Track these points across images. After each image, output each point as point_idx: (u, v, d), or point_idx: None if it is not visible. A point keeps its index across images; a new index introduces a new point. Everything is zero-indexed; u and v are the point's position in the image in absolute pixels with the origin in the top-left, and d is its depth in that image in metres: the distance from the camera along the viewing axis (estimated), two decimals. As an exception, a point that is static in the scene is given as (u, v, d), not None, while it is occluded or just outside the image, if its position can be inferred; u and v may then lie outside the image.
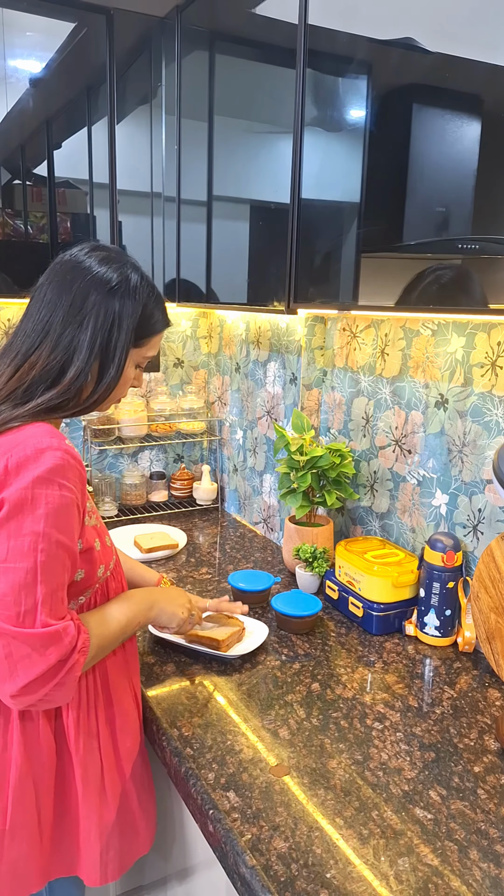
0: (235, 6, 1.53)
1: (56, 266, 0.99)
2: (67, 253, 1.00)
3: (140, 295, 0.99)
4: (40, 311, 0.96)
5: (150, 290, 1.01)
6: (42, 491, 0.86)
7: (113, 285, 0.96)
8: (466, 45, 0.97)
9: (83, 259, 0.98)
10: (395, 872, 0.82)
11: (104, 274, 0.96)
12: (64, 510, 0.88)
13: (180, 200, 1.82)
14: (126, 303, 0.97)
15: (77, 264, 0.97)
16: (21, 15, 1.62)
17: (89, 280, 0.96)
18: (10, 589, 0.85)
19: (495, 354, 1.27)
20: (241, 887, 0.83)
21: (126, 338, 0.98)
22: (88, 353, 0.95)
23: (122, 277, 0.97)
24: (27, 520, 0.86)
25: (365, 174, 1.18)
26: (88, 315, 0.95)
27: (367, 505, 1.65)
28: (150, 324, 1.01)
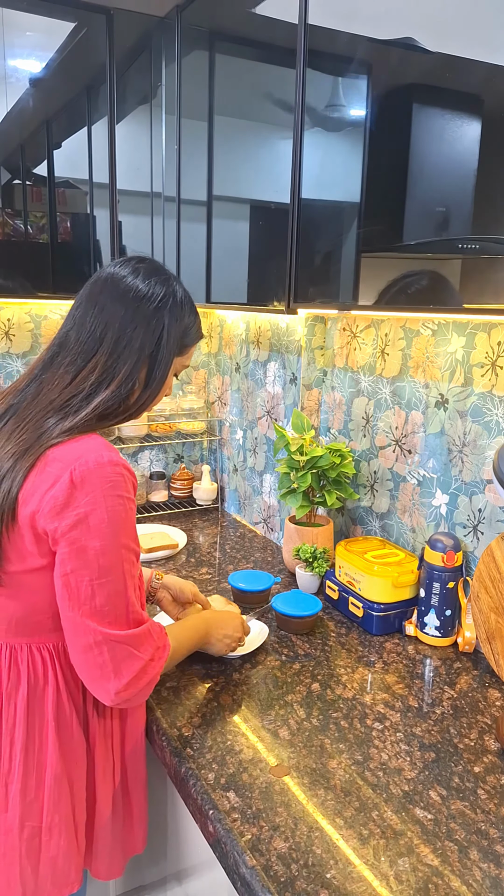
0: (235, 6, 1.53)
1: (102, 278, 1.04)
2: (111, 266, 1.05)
3: (184, 308, 1.06)
4: (93, 321, 1.01)
5: (191, 304, 1.09)
6: (112, 507, 0.92)
7: (162, 299, 1.03)
8: (466, 45, 0.97)
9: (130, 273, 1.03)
10: (395, 872, 0.82)
11: (152, 288, 1.03)
12: (130, 520, 0.95)
13: (180, 200, 1.82)
14: (173, 315, 1.04)
15: (124, 278, 1.03)
16: (21, 15, 1.62)
17: (139, 293, 1.02)
18: (108, 600, 0.92)
19: (495, 354, 1.27)
20: (241, 887, 0.83)
21: (172, 347, 1.04)
22: (137, 361, 1.01)
23: (170, 291, 1.04)
24: (107, 536, 0.91)
25: (365, 174, 1.18)
26: (140, 327, 1.01)
27: (367, 505, 1.65)
28: (190, 334, 1.08)
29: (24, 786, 0.96)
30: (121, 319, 1.00)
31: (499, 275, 0.96)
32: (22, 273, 1.74)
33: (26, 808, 0.97)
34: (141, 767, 1.11)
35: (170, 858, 1.23)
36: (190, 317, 1.07)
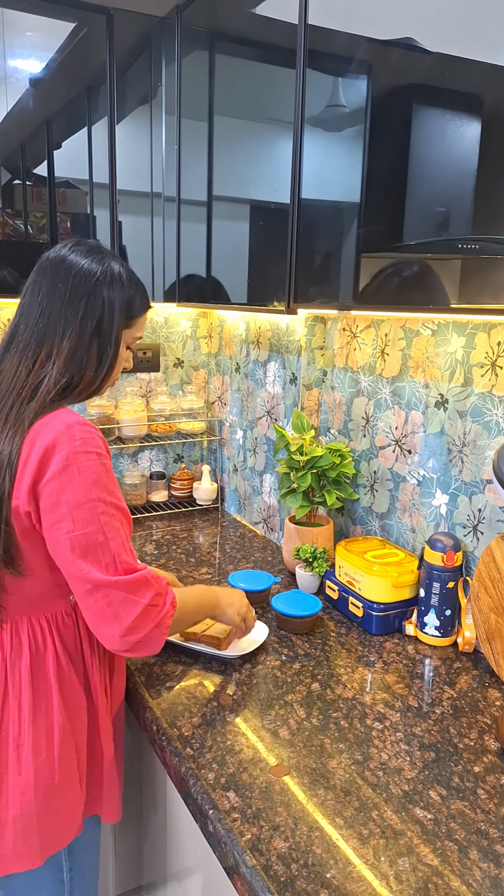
0: (235, 6, 1.53)
1: (44, 263, 1.08)
2: (51, 251, 1.10)
3: (123, 281, 1.09)
4: (39, 306, 1.05)
5: (131, 276, 1.11)
6: (84, 462, 0.96)
7: (99, 275, 1.06)
8: (466, 45, 0.97)
9: (67, 255, 1.07)
10: (395, 872, 0.82)
11: (89, 266, 1.06)
12: (105, 474, 0.98)
13: (180, 200, 1.82)
14: (113, 289, 1.07)
15: (62, 260, 1.07)
16: (21, 15, 1.62)
17: (79, 273, 1.05)
18: (89, 550, 0.95)
19: (495, 354, 1.27)
20: (241, 887, 0.83)
21: (118, 320, 1.08)
22: (82, 336, 1.04)
23: (106, 267, 1.07)
24: (79, 489, 0.95)
25: (365, 174, 1.18)
26: (82, 303, 1.04)
27: (367, 505, 1.65)
28: (134, 305, 1.11)
29: (35, 747, 1.01)
30: (62, 300, 1.04)
31: (499, 275, 0.96)
32: (22, 273, 1.74)
33: (39, 767, 1.01)
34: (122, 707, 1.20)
35: (170, 858, 1.23)
36: (131, 289, 1.10)
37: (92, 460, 0.97)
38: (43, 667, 1.03)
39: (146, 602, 0.97)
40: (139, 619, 0.97)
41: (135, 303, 1.11)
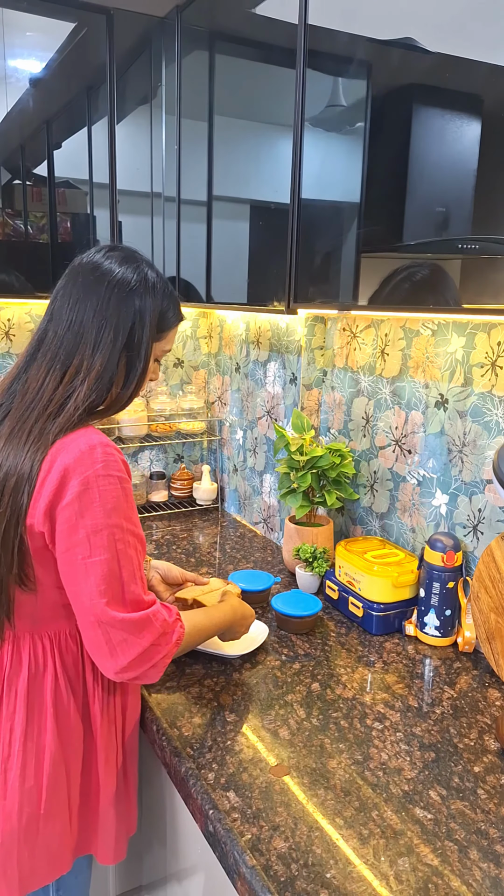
0: (235, 6, 1.53)
1: (76, 268, 1.03)
2: (84, 256, 1.05)
3: (157, 291, 1.04)
4: (69, 314, 1.00)
5: (165, 286, 1.07)
6: (104, 486, 0.92)
7: (133, 285, 1.01)
8: (466, 45, 0.97)
9: (102, 261, 1.02)
10: (395, 872, 0.82)
11: (124, 274, 1.01)
12: (125, 499, 0.95)
13: (180, 200, 1.82)
14: (146, 300, 1.02)
15: (96, 266, 1.02)
16: (21, 15, 1.62)
17: (111, 281, 1.01)
18: (101, 580, 0.92)
19: (495, 354, 1.27)
20: (241, 887, 0.83)
21: (149, 332, 1.03)
22: (113, 350, 1.00)
23: (141, 276, 1.03)
24: (99, 515, 0.92)
25: (365, 174, 1.18)
26: (114, 314, 1.00)
27: (367, 505, 1.65)
28: (167, 318, 1.07)
29: (23, 772, 0.97)
30: (94, 310, 1.00)
31: (499, 275, 0.96)
32: (22, 273, 1.74)
33: (25, 794, 0.97)
34: (136, 750, 1.15)
35: (170, 858, 1.23)
36: (165, 300, 1.05)
37: (112, 484, 0.93)
38: (40, 688, 1.00)
39: (146, 644, 0.94)
40: (136, 660, 0.94)
41: (168, 314, 1.07)
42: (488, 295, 0.99)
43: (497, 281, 0.97)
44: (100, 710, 1.04)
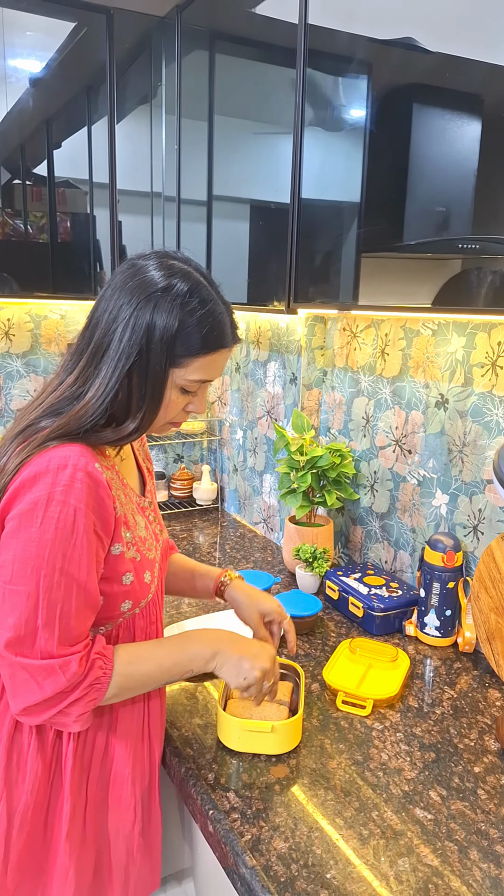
0: (235, 6, 1.53)
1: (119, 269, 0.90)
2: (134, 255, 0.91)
3: (180, 305, 0.85)
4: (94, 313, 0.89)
5: (199, 303, 0.86)
6: (54, 512, 0.80)
7: (152, 291, 0.84)
8: (466, 45, 0.97)
9: (140, 261, 0.88)
10: (395, 873, 0.82)
11: (149, 278, 0.85)
12: (75, 536, 0.81)
13: (180, 200, 1.82)
14: (159, 312, 0.84)
15: (131, 267, 0.88)
16: (21, 15, 1.62)
17: (132, 286, 0.85)
18: (13, 609, 0.81)
19: (495, 354, 1.27)
20: (241, 887, 0.83)
21: (160, 355, 0.85)
22: (112, 369, 0.85)
23: (165, 285, 0.84)
24: (33, 541, 0.80)
25: (365, 174, 1.18)
26: (120, 324, 0.84)
27: (367, 505, 1.65)
28: (189, 341, 0.86)
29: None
30: (107, 316, 0.86)
31: (499, 275, 0.96)
32: (22, 273, 1.74)
33: None
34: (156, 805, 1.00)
35: (170, 858, 1.23)
36: (189, 319, 0.85)
37: (66, 514, 0.80)
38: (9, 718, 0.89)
39: (48, 694, 0.81)
40: (39, 706, 0.82)
41: (190, 338, 0.85)
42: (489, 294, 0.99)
43: (497, 281, 0.97)
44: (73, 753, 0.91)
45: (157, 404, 0.88)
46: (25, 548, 0.80)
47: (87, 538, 0.83)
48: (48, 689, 0.81)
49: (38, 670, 0.81)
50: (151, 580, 0.96)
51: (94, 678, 0.84)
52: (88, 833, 0.94)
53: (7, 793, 0.89)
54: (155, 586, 0.98)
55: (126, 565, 0.91)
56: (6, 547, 0.82)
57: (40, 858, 0.92)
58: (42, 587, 0.80)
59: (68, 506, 0.80)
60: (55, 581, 0.81)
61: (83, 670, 0.83)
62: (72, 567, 0.82)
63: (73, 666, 0.82)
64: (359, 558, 1.70)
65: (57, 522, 0.80)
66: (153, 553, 0.98)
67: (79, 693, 0.83)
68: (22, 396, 2.06)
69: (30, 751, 0.90)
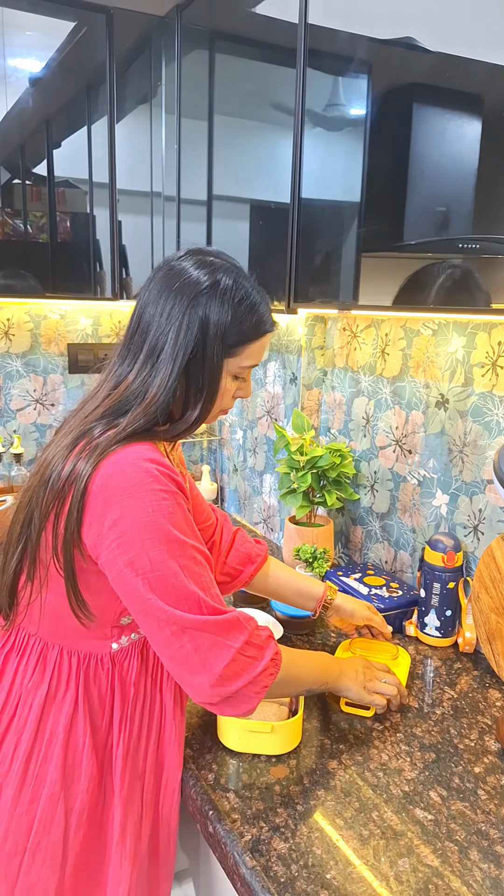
0: (235, 5, 1.53)
1: (159, 266, 0.95)
2: (168, 257, 0.96)
3: (228, 299, 0.91)
4: (138, 317, 0.93)
5: (245, 293, 0.93)
6: (147, 501, 0.83)
7: (201, 289, 0.90)
8: (466, 45, 0.97)
9: (179, 262, 0.93)
10: (395, 873, 0.82)
11: (194, 277, 0.91)
12: (170, 513, 0.85)
13: (180, 200, 1.82)
14: (212, 308, 0.90)
15: (170, 269, 0.93)
16: (21, 14, 1.62)
17: (177, 287, 0.90)
18: (169, 592, 0.83)
19: (496, 354, 1.27)
20: (241, 888, 0.83)
21: (216, 347, 0.91)
22: (174, 366, 0.89)
23: (212, 281, 0.90)
24: (144, 529, 0.83)
25: (365, 174, 1.18)
26: (176, 324, 0.89)
27: (368, 505, 1.65)
28: (240, 330, 0.92)
29: (16, 794, 0.89)
30: (158, 318, 0.90)
31: (499, 275, 0.96)
32: (22, 273, 1.74)
33: (14, 819, 0.89)
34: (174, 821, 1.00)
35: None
36: (238, 309, 0.91)
37: (165, 498, 0.84)
38: (57, 710, 0.92)
39: (237, 646, 0.84)
40: (230, 667, 0.84)
41: (241, 327, 0.92)
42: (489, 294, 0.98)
43: (497, 281, 0.97)
44: (123, 757, 0.93)
45: (214, 394, 0.93)
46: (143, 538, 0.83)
47: (186, 517, 0.87)
48: (238, 640, 0.85)
49: (219, 625, 0.84)
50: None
51: (275, 652, 0.90)
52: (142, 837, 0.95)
53: (65, 793, 0.90)
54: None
55: None
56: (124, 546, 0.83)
57: (96, 861, 0.93)
58: (181, 566, 0.84)
59: (155, 492, 0.84)
60: (189, 556, 0.85)
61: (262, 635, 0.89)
62: (183, 536, 0.86)
63: (250, 620, 0.88)
64: (359, 558, 1.70)
65: (153, 507, 0.83)
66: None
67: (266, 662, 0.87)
68: (21, 396, 2.06)
69: (85, 750, 0.91)
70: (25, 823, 0.89)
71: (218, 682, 0.84)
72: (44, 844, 0.89)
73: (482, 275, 1.00)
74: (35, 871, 0.89)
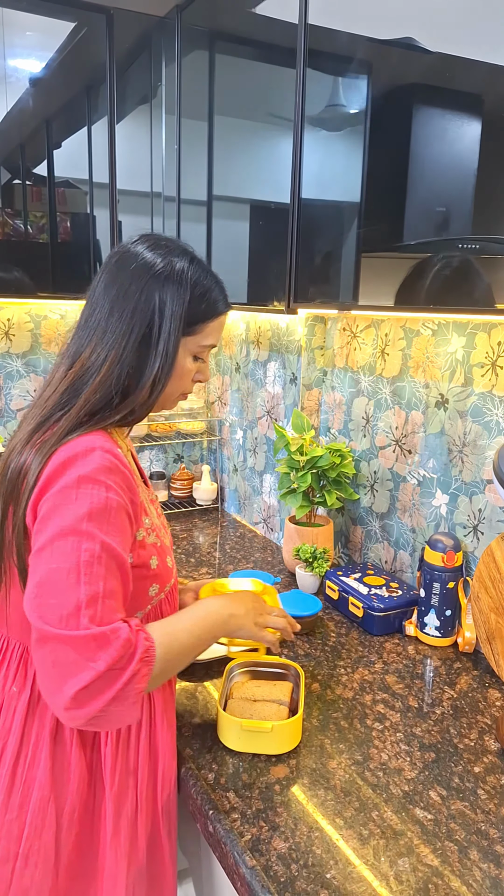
0: (235, 6, 1.53)
1: (106, 259, 0.96)
2: (122, 243, 0.97)
3: (185, 279, 0.93)
4: (89, 307, 0.94)
5: (201, 272, 0.95)
6: (87, 489, 0.82)
7: (156, 270, 0.91)
8: (466, 45, 0.97)
9: (131, 248, 0.94)
10: (395, 873, 0.82)
11: (148, 259, 0.92)
12: (110, 512, 0.83)
13: (180, 200, 1.82)
14: (168, 287, 0.91)
15: (122, 253, 0.94)
16: (21, 15, 1.62)
17: (132, 269, 0.92)
18: (54, 590, 0.78)
19: (495, 354, 1.27)
20: (241, 887, 0.83)
21: (173, 325, 0.92)
22: (128, 345, 0.90)
23: (166, 262, 0.92)
24: (69, 518, 0.80)
25: (365, 174, 1.18)
26: (130, 303, 0.90)
27: (368, 505, 1.65)
28: (200, 308, 0.94)
29: (4, 800, 0.87)
30: (112, 299, 0.91)
31: (499, 275, 0.96)
32: (22, 273, 1.74)
33: (4, 825, 0.87)
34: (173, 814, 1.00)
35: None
36: (196, 288, 0.93)
37: (99, 492, 0.82)
38: (42, 713, 0.90)
39: (101, 668, 0.76)
40: (91, 688, 0.76)
41: (200, 305, 0.94)
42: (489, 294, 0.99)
43: (497, 281, 0.97)
44: (111, 754, 0.92)
45: (170, 370, 0.93)
46: (62, 525, 0.80)
47: (120, 516, 0.84)
48: (101, 664, 0.76)
49: (85, 642, 0.76)
50: (172, 564, 1.00)
51: (144, 649, 0.81)
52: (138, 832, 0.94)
53: (55, 795, 0.88)
54: (175, 571, 1.01)
55: (150, 549, 0.94)
56: (41, 530, 0.82)
57: (90, 860, 0.92)
58: (83, 563, 0.79)
59: (100, 483, 0.83)
60: (95, 556, 0.80)
61: (133, 639, 0.80)
62: (111, 540, 0.82)
63: (124, 633, 0.79)
64: (359, 558, 1.70)
65: (91, 499, 0.82)
66: (168, 541, 1.02)
67: (134, 667, 0.79)
68: (22, 396, 2.06)
69: (73, 751, 0.89)
70: (16, 829, 0.87)
71: (71, 703, 0.76)
72: (36, 848, 0.87)
73: (482, 275, 1.00)
74: (28, 875, 0.87)
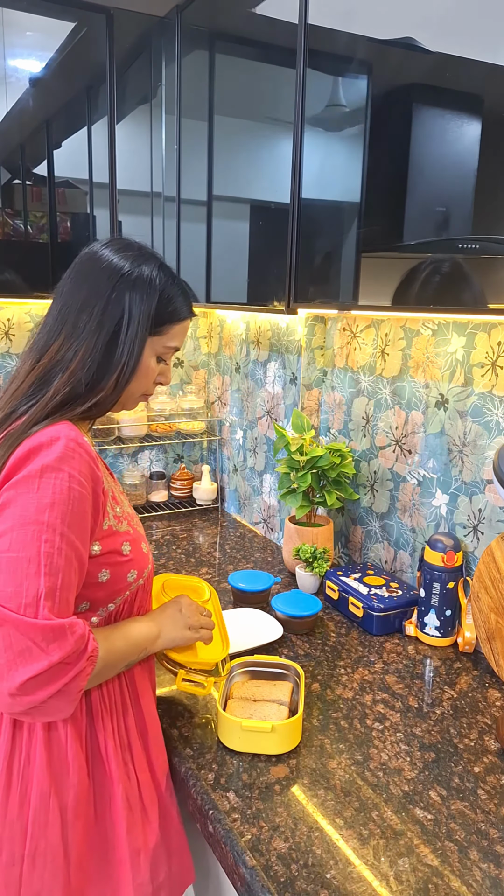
0: (235, 6, 1.53)
1: (79, 257, 0.99)
2: (88, 246, 1.00)
3: (154, 282, 0.96)
4: (58, 304, 0.96)
5: (169, 278, 0.98)
6: (50, 479, 0.82)
7: (125, 273, 0.94)
8: (466, 45, 0.97)
9: (99, 250, 0.97)
10: (395, 873, 0.82)
11: (117, 262, 0.95)
12: (72, 502, 0.83)
13: (180, 200, 1.82)
14: (136, 290, 0.94)
15: (93, 255, 0.97)
16: (21, 15, 1.62)
17: (102, 269, 0.95)
18: (12, 578, 0.79)
19: (495, 354, 1.27)
20: (241, 887, 0.83)
21: (139, 326, 0.95)
22: (97, 342, 0.92)
23: (135, 266, 0.95)
24: (31, 506, 0.81)
25: (365, 174, 1.18)
26: (100, 303, 0.93)
27: (367, 505, 1.65)
28: (168, 311, 0.98)
29: (5, 801, 0.86)
30: (82, 298, 0.94)
31: (499, 275, 0.96)
32: (22, 273, 1.74)
33: (6, 827, 0.85)
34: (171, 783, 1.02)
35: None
36: (163, 291, 0.97)
37: (62, 482, 0.82)
38: None
39: (55, 659, 0.78)
40: (40, 678, 0.77)
41: (167, 308, 0.97)
42: (488, 295, 0.99)
43: (497, 281, 0.97)
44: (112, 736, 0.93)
45: (135, 368, 0.95)
46: (24, 514, 0.81)
47: (83, 506, 0.85)
48: (54, 655, 0.78)
49: (42, 632, 0.78)
50: (148, 551, 1.01)
51: (93, 648, 0.83)
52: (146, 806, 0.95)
53: (55, 789, 0.87)
54: (151, 557, 1.02)
55: (121, 536, 0.94)
56: (3, 518, 0.82)
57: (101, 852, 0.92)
58: (43, 553, 0.80)
59: (63, 472, 0.83)
60: (56, 546, 0.81)
61: (86, 636, 0.82)
62: (72, 533, 0.83)
63: (79, 628, 0.81)
64: (359, 558, 1.70)
65: (54, 488, 0.82)
66: (141, 530, 1.03)
67: (81, 664, 0.80)
68: (22, 396, 2.06)
69: (68, 742, 0.88)
70: (19, 829, 0.86)
71: (18, 690, 0.77)
72: (42, 848, 0.86)
73: (481, 275, 1.00)
74: (37, 877, 0.86)
